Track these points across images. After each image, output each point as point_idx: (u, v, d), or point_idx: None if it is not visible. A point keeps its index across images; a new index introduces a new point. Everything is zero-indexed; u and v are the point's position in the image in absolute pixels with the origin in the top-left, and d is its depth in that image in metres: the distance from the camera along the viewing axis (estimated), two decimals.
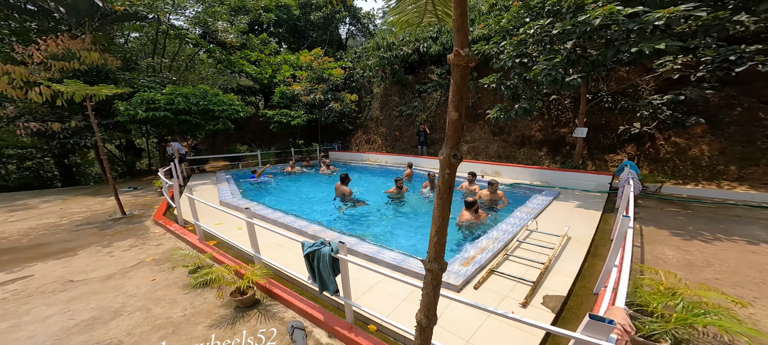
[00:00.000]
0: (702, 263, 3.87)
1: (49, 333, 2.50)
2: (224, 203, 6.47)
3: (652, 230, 4.99)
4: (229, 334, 2.51)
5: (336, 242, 2.42)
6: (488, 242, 4.29)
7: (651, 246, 4.43)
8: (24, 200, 8.50)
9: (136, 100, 9.08)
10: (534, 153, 11.33)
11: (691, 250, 4.22)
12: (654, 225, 5.21)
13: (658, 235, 4.75)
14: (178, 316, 2.70)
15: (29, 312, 2.80)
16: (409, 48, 12.13)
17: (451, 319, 2.78)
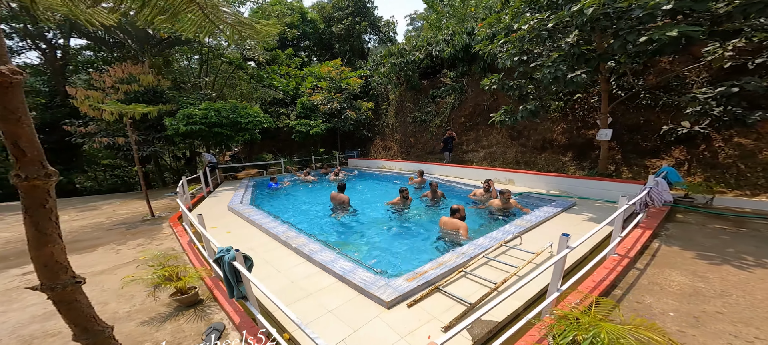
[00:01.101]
0: (712, 293, 3.10)
1: (17, 321, 2.87)
2: (230, 209, 6.96)
3: (674, 250, 4.14)
4: (151, 331, 2.66)
5: (234, 251, 2.42)
6: (452, 256, 3.95)
7: (658, 269, 3.67)
8: (96, 202, 10.09)
9: (179, 116, 10.26)
10: (556, 159, 10.23)
11: (711, 277, 3.41)
12: (681, 244, 4.32)
13: (676, 257, 3.92)
14: (123, 312, 2.94)
15: (22, 300, 3.30)
16: (421, 53, 11.85)
17: (366, 338, 2.60)
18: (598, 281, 3.24)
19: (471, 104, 12.26)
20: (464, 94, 12.23)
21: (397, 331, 2.63)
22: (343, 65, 14.04)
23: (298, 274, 3.76)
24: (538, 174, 8.69)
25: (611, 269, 3.48)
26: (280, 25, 13.45)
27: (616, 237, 3.80)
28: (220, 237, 5.28)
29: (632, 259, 3.81)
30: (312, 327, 2.71)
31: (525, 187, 8.72)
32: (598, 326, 1.82)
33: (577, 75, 6.12)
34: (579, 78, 6.10)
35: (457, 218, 5.05)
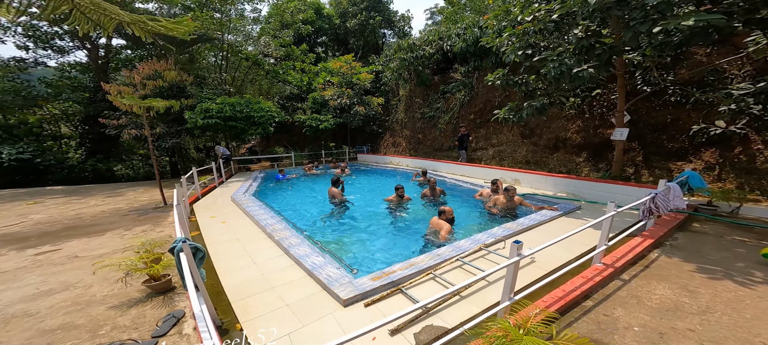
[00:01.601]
0: (694, 309, 2.78)
1: (8, 299, 3.12)
2: (232, 199, 7.22)
3: (673, 262, 3.75)
4: (115, 315, 2.80)
5: (180, 243, 2.46)
6: (425, 258, 3.82)
7: (645, 281, 3.34)
8: (124, 189, 10.89)
9: (198, 110, 10.77)
10: (570, 159, 9.61)
11: (703, 292, 3.05)
12: (684, 255, 3.91)
13: (672, 269, 3.55)
14: (100, 296, 3.13)
15: (22, 279, 3.61)
16: (432, 48, 11.50)
17: (311, 334, 2.56)
18: (568, 291, 2.99)
19: (481, 100, 11.79)
20: (474, 90, 11.78)
21: (344, 330, 2.58)
22: (357, 60, 13.99)
23: (271, 266, 3.81)
24: (546, 175, 8.20)
25: (588, 279, 3.20)
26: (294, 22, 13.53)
27: (602, 245, 3.48)
28: (215, 226, 5.48)
29: (618, 270, 3.49)
30: (262, 319, 2.73)
31: (531, 188, 8.28)
32: (522, 342, 1.66)
33: (583, 69, 5.66)
34: (585, 73, 5.64)
35: (443, 219, 4.88)
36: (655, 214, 4.52)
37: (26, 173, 14.57)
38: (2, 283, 3.52)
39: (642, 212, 4.46)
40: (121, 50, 18.02)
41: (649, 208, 4.42)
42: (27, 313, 2.81)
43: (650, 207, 4.41)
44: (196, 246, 2.56)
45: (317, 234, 5.45)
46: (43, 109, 18.16)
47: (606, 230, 3.47)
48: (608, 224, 3.46)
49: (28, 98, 16.54)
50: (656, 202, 4.39)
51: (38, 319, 2.72)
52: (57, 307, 2.90)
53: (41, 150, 15.24)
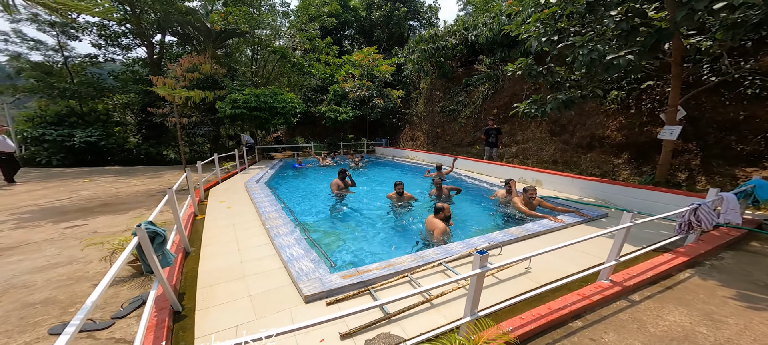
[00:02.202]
0: (709, 342, 2.19)
1: (20, 269, 3.41)
2: (245, 187, 7.45)
3: (707, 285, 3.10)
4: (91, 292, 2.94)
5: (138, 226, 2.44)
6: (408, 258, 3.54)
7: (659, 304, 2.77)
8: (163, 172, 11.88)
9: (227, 100, 11.35)
10: (606, 160, 8.53)
11: (731, 323, 2.47)
12: (724, 279, 3.21)
13: (702, 293, 2.93)
14: (91, 273, 3.32)
15: (43, 250, 3.98)
16: (455, 38, 10.82)
17: (260, 328, 2.44)
18: (554, 309, 2.54)
19: (508, 94, 10.89)
20: (500, 82, 10.90)
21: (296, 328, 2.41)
22: (380, 53, 13.71)
23: (252, 254, 3.79)
24: (573, 176, 7.32)
25: (584, 297, 2.70)
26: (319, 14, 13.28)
27: (611, 260, 2.92)
28: (220, 211, 5.68)
29: (627, 289, 2.92)
30: (219, 309, 2.68)
31: (553, 190, 7.47)
32: None
33: (619, 56, 4.83)
34: (621, 60, 4.81)
35: (439, 218, 4.52)
36: (697, 229, 3.73)
37: (93, 154, 16.62)
38: (24, 254, 3.92)
39: (679, 226, 3.71)
40: (171, 46, 19.67)
41: (687, 221, 3.66)
42: (25, 285, 3.06)
43: (690, 220, 3.65)
44: (154, 231, 2.55)
45: (315, 225, 5.38)
46: (111, 99, 20.56)
47: (618, 243, 2.90)
48: (621, 237, 2.88)
49: (98, 89, 18.77)
50: (699, 215, 3.61)
51: (30, 291, 2.94)
52: (52, 281, 3.13)
53: (106, 135, 17.28)
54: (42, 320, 2.47)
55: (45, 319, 2.49)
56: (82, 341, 2.27)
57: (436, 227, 4.43)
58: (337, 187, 6.62)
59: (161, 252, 2.72)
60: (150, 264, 2.47)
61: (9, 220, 5.56)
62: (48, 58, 17.97)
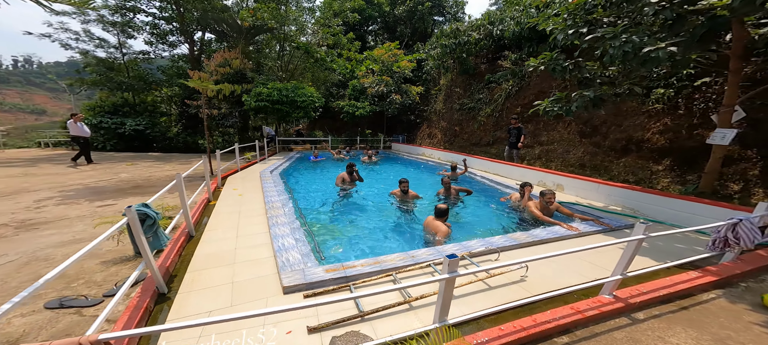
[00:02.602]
0: None
1: (47, 243, 3.77)
2: (260, 176, 7.73)
3: (731, 308, 2.73)
4: (97, 269, 3.16)
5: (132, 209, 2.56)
6: (397, 257, 3.42)
7: (666, 324, 2.47)
8: (195, 159, 12.75)
9: (252, 94, 11.85)
10: (644, 166, 7.71)
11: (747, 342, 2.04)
12: (756, 303, 2.74)
13: (723, 315, 2.58)
14: (104, 250, 3.58)
15: (73, 226, 4.40)
16: (479, 33, 10.30)
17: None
18: (539, 322, 2.30)
19: (534, 91, 10.18)
20: (526, 79, 10.22)
21: (268, 318, 2.41)
22: (402, 48, 13.49)
23: (248, 242, 3.88)
24: (599, 182, 6.68)
25: (577, 311, 2.43)
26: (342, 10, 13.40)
27: (616, 274, 2.59)
28: (231, 198, 5.93)
29: (632, 306, 2.59)
30: (201, 293, 2.75)
31: (576, 196, 6.88)
32: None
33: (658, 49, 4.25)
34: (661, 53, 4.21)
35: (440, 220, 4.33)
36: (735, 247, 3.20)
37: (141, 141, 18.32)
38: (57, 228, 4.36)
39: (712, 242, 3.20)
40: (210, 43, 20.99)
41: (723, 237, 3.15)
42: (46, 258, 3.39)
43: (727, 237, 3.13)
44: (145, 212, 2.67)
45: (316, 217, 5.42)
46: (158, 92, 22.46)
47: (626, 256, 2.56)
48: (631, 249, 2.53)
49: (148, 83, 20.58)
50: (738, 232, 3.10)
51: (48, 264, 3.25)
52: (69, 256, 3.43)
53: (152, 124, 18.95)
54: (45, 293, 2.70)
55: (48, 292, 2.72)
56: (69, 317, 2.44)
57: (438, 230, 4.23)
58: (343, 181, 6.61)
59: (153, 234, 2.86)
60: (135, 243, 2.60)
61: (56, 196, 6.24)
62: (110, 55, 20.01)
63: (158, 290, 2.68)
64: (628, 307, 2.56)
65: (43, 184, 7.35)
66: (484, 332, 2.25)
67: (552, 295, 2.73)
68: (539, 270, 3.24)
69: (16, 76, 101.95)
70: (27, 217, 4.95)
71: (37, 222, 4.75)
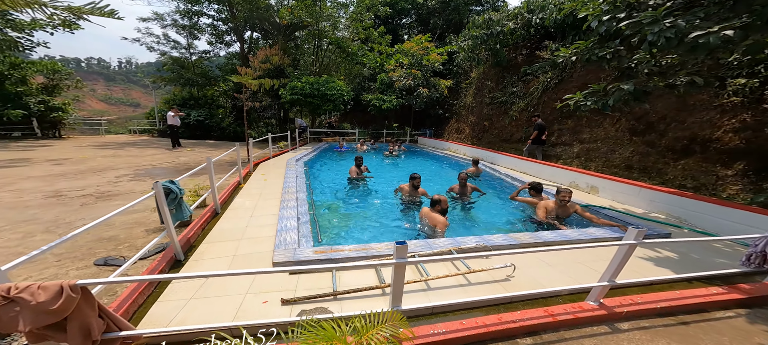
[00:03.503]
0: None
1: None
2: (287, 163, 8.37)
3: (750, 329, 2.36)
4: (139, 235, 3.84)
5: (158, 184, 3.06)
6: (382, 246, 3.55)
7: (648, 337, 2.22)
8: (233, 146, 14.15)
9: (288, 88, 12.73)
10: (708, 169, 6.67)
11: None
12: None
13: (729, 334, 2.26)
14: (149, 221, 4.33)
15: (133, 200, 5.35)
16: (515, 22, 9.60)
17: (224, 281, 2.82)
18: (505, 321, 2.27)
19: (576, 84, 9.22)
20: (567, 71, 9.30)
21: (251, 287, 2.73)
22: (434, 40, 13.16)
23: (259, 221, 4.32)
24: (641, 186, 5.93)
25: (549, 314, 2.32)
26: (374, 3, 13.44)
27: (604, 280, 2.40)
28: (257, 182, 6.59)
29: (616, 315, 2.39)
30: (207, 262, 3.20)
31: (611, 201, 6.21)
32: None
33: (710, 33, 3.65)
34: (712, 39, 3.60)
35: (436, 211, 4.32)
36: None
37: (202, 130, 20.95)
38: (125, 200, 5.35)
39: (747, 257, 2.75)
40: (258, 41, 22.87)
41: (762, 253, 2.68)
42: (108, 224, 4.19)
43: (765, 252, 2.66)
44: (169, 188, 3.19)
45: (326, 203, 5.76)
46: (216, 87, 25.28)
47: (615, 262, 2.35)
48: (621, 255, 2.32)
49: (208, 79, 23.28)
50: None
51: (108, 229, 4.01)
52: (125, 223, 4.24)
53: (210, 115, 21.51)
54: (98, 252, 3.40)
55: (100, 252, 3.42)
56: (104, 272, 3.04)
57: (437, 221, 4.25)
58: (356, 173, 6.89)
59: (176, 206, 3.39)
60: (161, 214, 3.12)
61: (130, 174, 7.57)
62: (181, 55, 23.02)
63: (176, 257, 3.19)
64: (611, 316, 2.36)
65: (124, 164, 8.94)
66: (444, 324, 2.29)
67: (528, 295, 2.62)
68: (528, 272, 3.10)
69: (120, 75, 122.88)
70: (106, 190, 6.12)
71: (112, 194, 5.85)
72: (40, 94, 14.67)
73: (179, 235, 3.64)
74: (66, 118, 15.94)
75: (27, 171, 7.57)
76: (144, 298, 2.45)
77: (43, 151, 10.81)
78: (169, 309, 2.32)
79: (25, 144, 12.63)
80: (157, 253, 3.39)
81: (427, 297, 2.74)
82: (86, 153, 10.83)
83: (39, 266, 3.01)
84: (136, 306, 2.33)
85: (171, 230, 3.11)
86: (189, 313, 2.32)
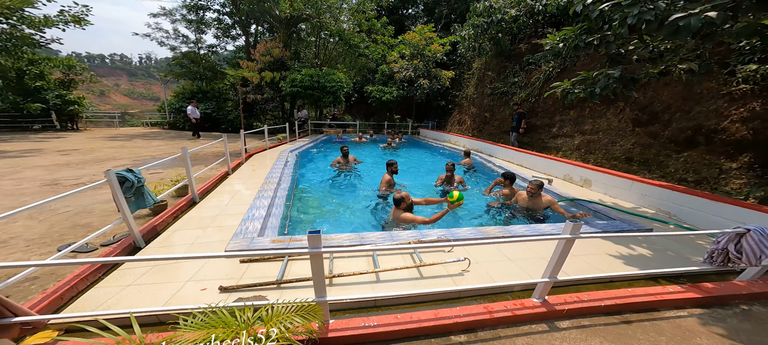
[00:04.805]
0: None
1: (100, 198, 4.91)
2: (279, 155, 8.43)
3: (700, 330, 2.20)
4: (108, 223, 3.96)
5: (110, 172, 3.10)
6: (343, 237, 3.51)
7: (584, 336, 2.07)
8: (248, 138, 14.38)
9: (288, 80, 12.75)
10: (711, 162, 6.27)
11: None
12: (739, 328, 2.23)
13: (670, 332, 2.13)
14: None
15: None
16: (516, 9, 9.16)
17: (171, 266, 2.85)
18: (441, 316, 2.20)
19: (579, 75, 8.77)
20: (571, 59, 8.86)
21: (197, 274, 2.75)
22: (438, 30, 12.78)
23: (231, 210, 4.35)
24: (634, 179, 5.63)
25: (487, 311, 2.25)
26: None
27: (545, 277, 2.28)
28: (245, 172, 6.67)
29: (557, 313, 2.29)
30: (164, 249, 3.26)
31: (602, 193, 5.92)
32: None
33: (690, 16, 3.31)
34: (693, 21, 3.25)
35: (402, 208, 4.20)
36: (738, 263, 2.47)
37: (211, 122, 21.46)
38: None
39: (709, 255, 2.54)
40: (264, 34, 22.95)
41: (723, 250, 2.47)
42: (87, 211, 4.35)
43: (727, 250, 2.44)
44: (124, 176, 3.24)
45: (308, 193, 5.76)
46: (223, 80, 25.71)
47: (554, 259, 2.23)
48: (559, 251, 2.19)
49: (215, 72, 23.70)
50: (743, 245, 2.40)
51: (86, 215, 4.17)
52: (103, 211, 4.38)
53: (218, 107, 21.96)
54: (68, 239, 3.51)
55: (69, 239, 3.53)
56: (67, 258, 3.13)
57: (415, 220, 4.11)
58: (338, 163, 6.86)
59: (134, 194, 3.42)
60: (115, 202, 3.18)
61: (129, 165, 7.84)
62: (191, 49, 23.48)
63: (135, 244, 3.26)
64: (552, 314, 2.24)
65: (127, 154, 9.26)
66: (377, 318, 2.25)
67: (476, 291, 2.53)
68: (486, 267, 2.99)
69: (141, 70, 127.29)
70: (101, 179, 6.35)
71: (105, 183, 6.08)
72: (58, 89, 15.34)
73: (147, 223, 3.74)
74: (82, 111, 16.65)
75: (35, 161, 7.97)
76: (86, 283, 2.51)
77: (56, 142, 11.35)
78: (102, 294, 2.38)
79: (43, 136, 13.30)
80: (118, 240, 3.47)
81: (373, 289, 2.69)
82: (95, 144, 11.30)
83: (6, 251, 3.15)
84: (76, 291, 2.39)
85: (127, 218, 3.17)
86: (119, 299, 2.35)
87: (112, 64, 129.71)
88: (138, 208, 3.44)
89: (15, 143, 10.86)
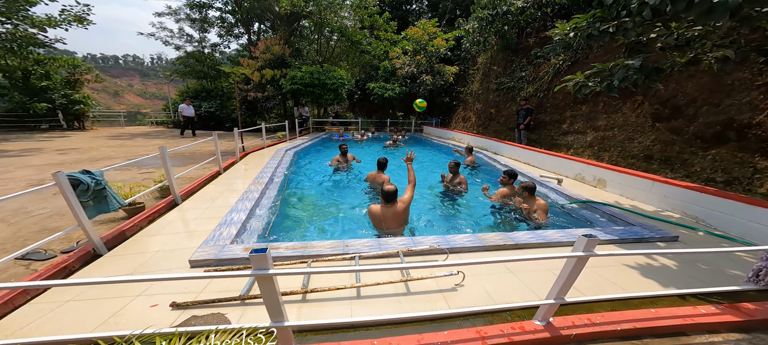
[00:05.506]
0: None
1: None
2: (275, 154, 8.17)
3: None
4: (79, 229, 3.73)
5: (59, 174, 2.82)
6: (325, 244, 3.18)
7: None
8: (245, 136, 14.24)
9: (288, 78, 12.51)
10: (744, 160, 5.71)
11: None
12: None
13: None
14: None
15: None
16: (523, 1, 8.64)
17: None
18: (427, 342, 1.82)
19: (592, 66, 8.20)
20: (582, 51, 8.30)
21: (151, 287, 2.45)
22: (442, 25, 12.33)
23: (211, 213, 4.06)
24: (654, 179, 5.13)
25: (479, 336, 1.88)
26: None
27: (551, 297, 1.89)
28: (237, 171, 6.43)
29: (560, 338, 1.92)
30: (125, 257, 2.97)
31: (618, 195, 5.42)
32: None
33: None
34: None
35: (387, 206, 3.83)
36: None
37: (214, 120, 21.49)
38: None
39: (756, 273, 2.10)
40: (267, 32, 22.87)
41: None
42: (64, 214, 4.14)
43: None
44: (77, 178, 2.96)
45: (299, 193, 5.46)
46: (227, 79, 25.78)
47: (562, 278, 1.83)
48: (569, 269, 1.79)
49: (218, 71, 23.77)
50: None
51: (60, 219, 3.96)
52: None
53: (221, 106, 21.99)
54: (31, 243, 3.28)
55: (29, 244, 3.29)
56: (21, 268, 2.89)
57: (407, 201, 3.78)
58: (337, 162, 6.53)
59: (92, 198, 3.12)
60: (68, 206, 2.90)
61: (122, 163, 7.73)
62: (195, 48, 23.62)
63: (95, 251, 2.99)
64: (556, 339, 1.86)
65: (124, 153, 9.17)
66: (358, 342, 1.91)
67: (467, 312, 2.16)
68: (482, 281, 2.61)
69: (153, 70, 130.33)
70: None
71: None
72: (64, 89, 15.53)
73: (116, 227, 3.48)
74: (88, 110, 16.84)
75: (31, 160, 7.92)
76: (25, 298, 2.24)
77: (58, 142, 11.41)
78: (32, 311, 2.10)
79: (48, 135, 13.46)
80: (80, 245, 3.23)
81: (351, 309, 2.34)
82: (96, 143, 11.31)
83: None
84: (11, 307, 2.12)
85: (83, 223, 2.89)
86: (52, 318, 2.06)
87: (126, 65, 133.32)
88: (99, 212, 3.16)
89: (18, 142, 10.96)
